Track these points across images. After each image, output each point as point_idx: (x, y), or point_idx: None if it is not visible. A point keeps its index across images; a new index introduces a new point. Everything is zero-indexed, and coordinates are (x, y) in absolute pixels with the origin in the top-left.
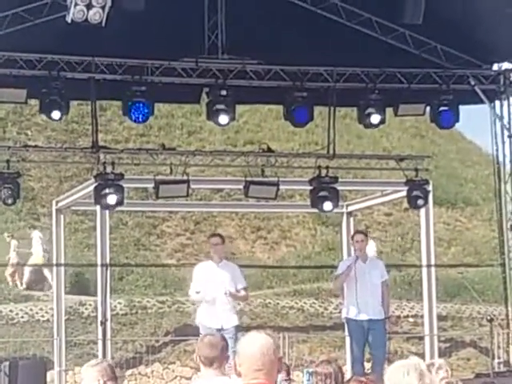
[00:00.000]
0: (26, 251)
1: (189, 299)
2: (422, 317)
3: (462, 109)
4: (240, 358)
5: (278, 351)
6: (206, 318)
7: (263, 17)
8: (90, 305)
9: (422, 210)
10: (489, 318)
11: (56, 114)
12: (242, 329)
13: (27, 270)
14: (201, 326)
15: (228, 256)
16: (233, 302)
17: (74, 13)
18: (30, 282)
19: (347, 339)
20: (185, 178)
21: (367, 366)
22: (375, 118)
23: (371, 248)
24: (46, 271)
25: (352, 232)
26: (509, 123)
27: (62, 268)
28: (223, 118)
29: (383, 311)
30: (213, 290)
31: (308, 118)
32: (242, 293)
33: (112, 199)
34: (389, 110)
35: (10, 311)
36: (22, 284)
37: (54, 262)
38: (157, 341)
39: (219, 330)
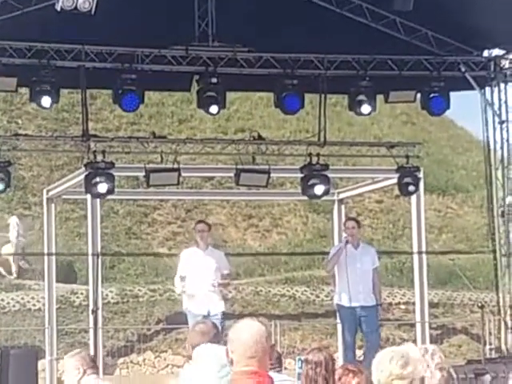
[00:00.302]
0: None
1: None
2: (413, 304)
3: (453, 95)
4: (232, 345)
5: (271, 339)
6: (192, 305)
7: (254, 4)
8: (82, 293)
9: (413, 197)
10: (480, 304)
11: (46, 102)
12: (232, 316)
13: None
14: (187, 312)
15: (219, 244)
16: (218, 288)
17: (64, 1)
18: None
19: (339, 326)
20: (176, 166)
21: (359, 353)
22: (366, 109)
23: None
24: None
25: (343, 219)
26: (499, 109)
27: (54, 257)
28: (214, 108)
29: (375, 298)
30: (199, 276)
31: (299, 106)
32: (226, 280)
33: (103, 188)
34: (379, 97)
35: (1, 300)
36: (11, 273)
37: (46, 251)
38: (148, 329)
39: (205, 316)
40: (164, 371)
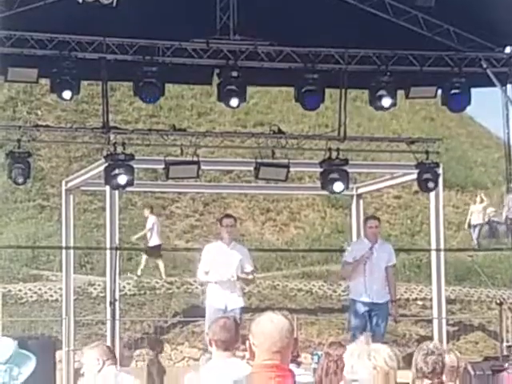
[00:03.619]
0: None
1: (196, 280)
2: (430, 300)
3: (473, 92)
4: (256, 338)
5: (294, 332)
6: (213, 299)
7: None
8: (99, 285)
9: (432, 193)
10: (498, 301)
11: (67, 94)
12: (249, 310)
13: None
14: (208, 305)
15: (237, 238)
16: (240, 283)
17: None
18: None
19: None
20: (195, 159)
21: None
22: (386, 102)
23: None
24: None
25: (362, 214)
26: None
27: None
28: (234, 101)
29: (387, 294)
30: (222, 271)
31: (319, 101)
32: (250, 276)
33: (122, 179)
34: (400, 93)
35: (19, 290)
36: None
37: (64, 242)
38: (165, 322)
39: (224, 311)
40: (180, 364)
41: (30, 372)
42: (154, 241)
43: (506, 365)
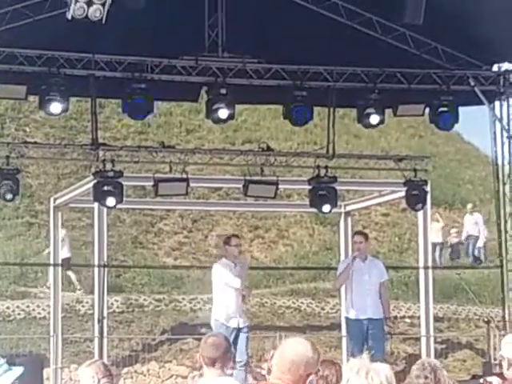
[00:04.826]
0: None
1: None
2: (418, 318)
3: (461, 109)
4: (275, 356)
5: (311, 366)
6: (224, 317)
7: (264, 15)
8: (87, 302)
9: (420, 211)
10: (486, 319)
11: (56, 108)
12: None
13: None
14: (218, 323)
15: (224, 254)
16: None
17: (75, 9)
18: None
19: (343, 339)
20: (184, 176)
21: None
22: (374, 119)
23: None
24: None
25: (350, 232)
26: (508, 124)
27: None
28: (223, 112)
29: (381, 311)
30: (232, 289)
31: (308, 118)
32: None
33: (111, 202)
34: (387, 110)
35: (7, 308)
36: None
37: (52, 259)
38: (153, 339)
39: (236, 329)
40: (168, 381)
41: (17, 374)
42: (64, 253)
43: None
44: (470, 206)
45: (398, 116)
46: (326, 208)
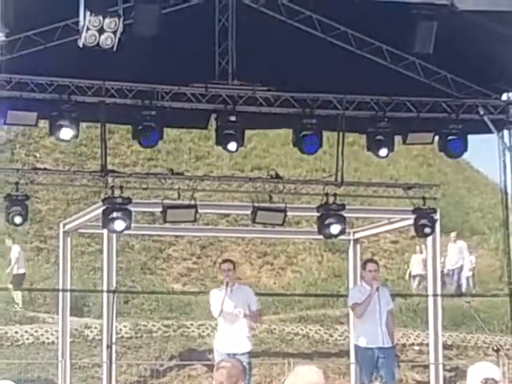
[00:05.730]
0: None
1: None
2: (427, 345)
3: (470, 138)
4: (287, 379)
5: None
6: (219, 344)
7: (274, 44)
8: (96, 328)
9: (429, 239)
10: (495, 347)
11: (66, 134)
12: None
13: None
14: (215, 350)
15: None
16: (249, 325)
17: (86, 37)
18: None
19: (352, 366)
20: (192, 202)
21: None
22: (383, 152)
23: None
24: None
25: (359, 259)
26: None
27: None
28: (232, 145)
29: (391, 339)
30: (228, 315)
31: (317, 146)
32: (256, 313)
33: (119, 225)
34: (397, 138)
35: (16, 333)
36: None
37: (60, 284)
38: (161, 365)
39: (231, 355)
40: None
41: None
42: (19, 269)
43: None
44: (453, 234)
45: (408, 144)
46: (335, 229)
